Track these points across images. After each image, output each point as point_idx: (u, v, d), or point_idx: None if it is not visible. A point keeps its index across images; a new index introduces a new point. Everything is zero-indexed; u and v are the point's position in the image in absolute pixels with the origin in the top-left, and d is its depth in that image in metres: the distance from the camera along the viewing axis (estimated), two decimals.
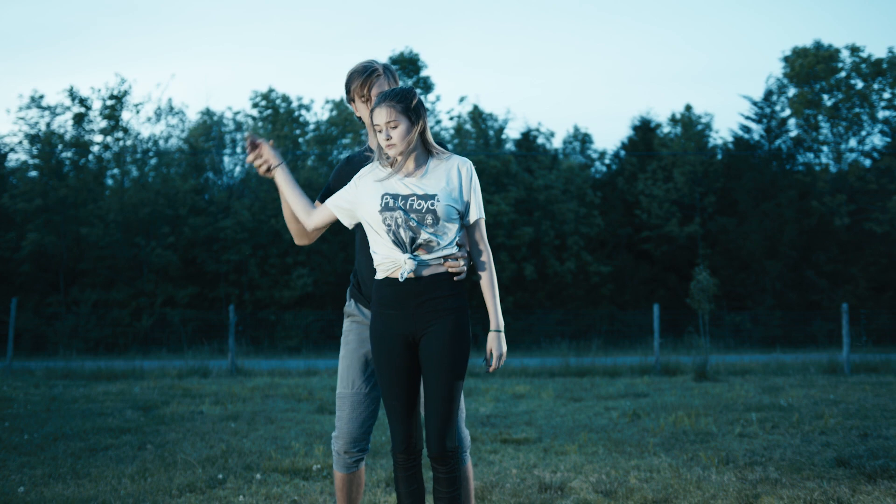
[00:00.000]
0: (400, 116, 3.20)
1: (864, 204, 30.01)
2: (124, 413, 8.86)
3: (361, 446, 3.58)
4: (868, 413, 8.53)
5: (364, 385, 3.57)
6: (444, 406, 3.18)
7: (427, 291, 3.21)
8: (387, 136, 3.21)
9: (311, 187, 29.37)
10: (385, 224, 3.21)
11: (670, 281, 30.22)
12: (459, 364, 3.21)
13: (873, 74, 31.07)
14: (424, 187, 3.23)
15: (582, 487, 5.22)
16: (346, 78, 3.62)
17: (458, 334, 3.21)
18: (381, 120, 3.20)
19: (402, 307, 3.23)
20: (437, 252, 3.21)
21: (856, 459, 5.92)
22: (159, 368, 14.55)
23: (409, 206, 3.19)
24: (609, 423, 8.11)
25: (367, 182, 3.33)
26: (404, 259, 3.18)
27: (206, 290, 28.50)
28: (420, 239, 3.19)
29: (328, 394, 10.81)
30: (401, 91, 3.24)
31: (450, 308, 3.22)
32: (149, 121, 29.50)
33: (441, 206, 3.19)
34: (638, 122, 33.79)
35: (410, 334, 3.23)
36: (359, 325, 3.65)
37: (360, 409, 3.56)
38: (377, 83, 3.55)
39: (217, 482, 5.39)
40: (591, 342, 19.27)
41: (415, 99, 3.23)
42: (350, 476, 3.63)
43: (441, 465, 3.22)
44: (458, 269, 3.24)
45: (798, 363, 15.35)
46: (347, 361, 3.62)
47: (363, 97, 3.57)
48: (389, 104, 3.20)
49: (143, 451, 6.50)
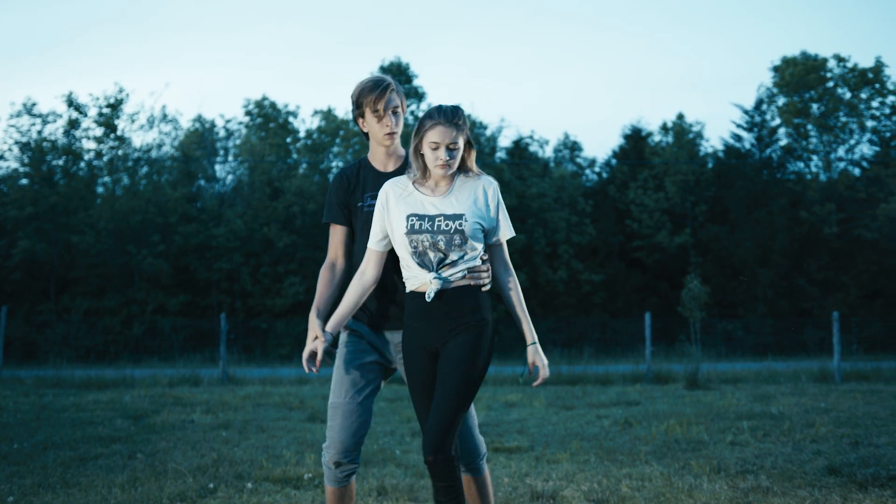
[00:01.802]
0: (459, 138, 3.20)
1: (854, 212, 30.15)
2: (114, 422, 8.83)
3: (352, 457, 3.56)
4: (859, 421, 8.54)
5: (357, 395, 3.56)
6: (446, 415, 3.17)
7: (451, 305, 3.21)
8: (447, 155, 3.19)
9: (303, 195, 29.38)
10: (410, 246, 3.22)
11: (662, 289, 30.26)
12: (472, 376, 3.19)
13: (860, 84, 31.26)
14: (452, 206, 3.22)
15: (574, 496, 5.21)
16: (357, 91, 3.59)
17: (478, 347, 3.20)
18: (442, 139, 3.17)
19: (427, 320, 3.24)
20: (460, 265, 3.21)
21: (847, 468, 5.93)
22: (150, 377, 14.50)
23: (436, 227, 3.19)
24: (601, 432, 8.11)
25: (394, 202, 3.31)
26: (430, 279, 3.18)
27: (197, 298, 28.44)
28: (448, 259, 3.19)
29: (320, 402, 10.79)
30: (461, 112, 3.22)
31: (473, 322, 3.22)
32: (141, 128, 29.47)
33: (469, 226, 3.19)
34: (629, 131, 33.90)
35: (435, 347, 3.25)
36: (356, 338, 3.65)
37: (352, 419, 3.54)
38: (391, 98, 3.54)
39: (208, 491, 5.37)
40: (582, 350, 19.28)
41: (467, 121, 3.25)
42: (341, 490, 3.61)
43: (436, 472, 3.18)
44: (481, 280, 3.25)
45: (789, 371, 15.39)
46: (342, 372, 3.60)
47: (376, 112, 3.55)
48: (453, 124, 3.18)
49: (133, 461, 6.47)
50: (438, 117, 3.19)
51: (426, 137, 3.20)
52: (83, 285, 27.11)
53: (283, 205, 29.07)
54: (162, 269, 27.20)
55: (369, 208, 3.57)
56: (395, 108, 3.58)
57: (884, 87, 31.28)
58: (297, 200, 29.29)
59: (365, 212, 3.59)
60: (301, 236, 28.70)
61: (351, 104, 3.65)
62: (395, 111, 3.58)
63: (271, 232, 28.38)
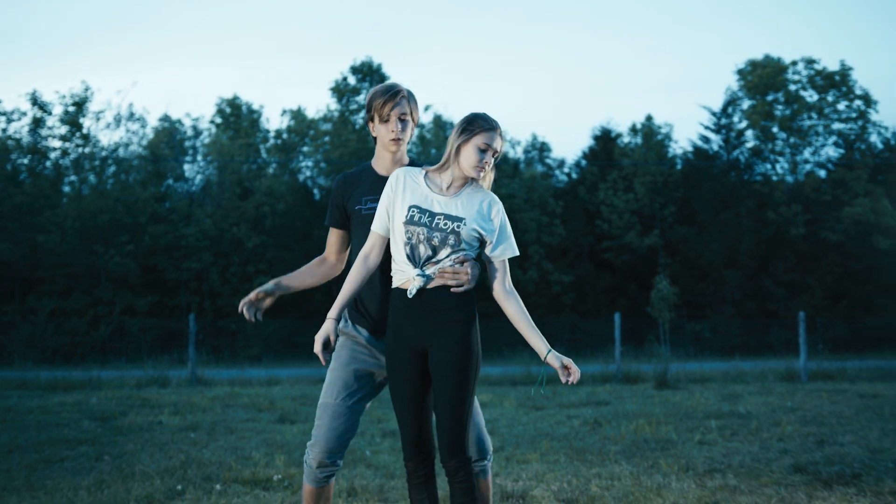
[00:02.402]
0: (501, 150, 3.32)
1: (820, 214, 30.54)
2: (81, 424, 8.72)
3: (335, 459, 3.56)
4: (824, 420, 8.66)
5: (348, 398, 3.55)
6: (453, 416, 3.19)
7: (434, 302, 3.22)
8: (489, 162, 3.27)
9: (273, 195, 29.23)
10: (405, 236, 3.24)
11: (631, 290, 30.45)
12: (467, 373, 3.21)
13: (827, 87, 31.67)
14: (456, 209, 3.26)
15: (544, 496, 5.23)
16: (369, 95, 3.62)
17: (465, 344, 3.21)
18: (494, 145, 3.28)
19: (411, 318, 3.25)
20: (442, 264, 3.22)
21: (812, 466, 6.01)
22: (117, 378, 14.34)
23: (434, 223, 3.23)
24: (571, 432, 8.14)
25: (402, 188, 3.34)
26: (413, 275, 3.20)
27: (165, 298, 28.20)
28: (436, 258, 3.21)
29: (289, 403, 10.74)
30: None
31: (457, 319, 3.23)
32: (108, 127, 29.17)
33: (466, 230, 3.23)
34: (599, 132, 34.07)
35: (419, 344, 3.25)
36: (353, 343, 3.64)
37: (339, 421, 3.53)
38: (400, 104, 3.56)
39: (176, 493, 5.33)
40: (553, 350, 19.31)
41: None
42: (319, 490, 3.60)
43: (455, 475, 3.21)
44: (459, 282, 3.23)
45: (757, 371, 15.55)
46: (336, 374, 3.60)
47: (383, 116, 3.55)
48: (500, 135, 3.29)
49: (100, 463, 6.40)
50: (493, 123, 3.29)
51: (478, 138, 3.26)
52: (49, 285, 26.75)
53: (252, 205, 28.91)
54: (130, 270, 26.92)
55: (368, 211, 3.56)
56: (404, 116, 3.58)
57: (850, 90, 31.70)
58: (266, 200, 29.14)
59: (363, 214, 3.57)
60: (271, 236, 28.55)
61: (365, 107, 3.67)
62: (403, 118, 3.58)
63: (241, 232, 28.21)
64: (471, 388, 3.23)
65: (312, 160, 32.21)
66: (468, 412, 3.23)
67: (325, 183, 31.92)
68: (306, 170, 32.54)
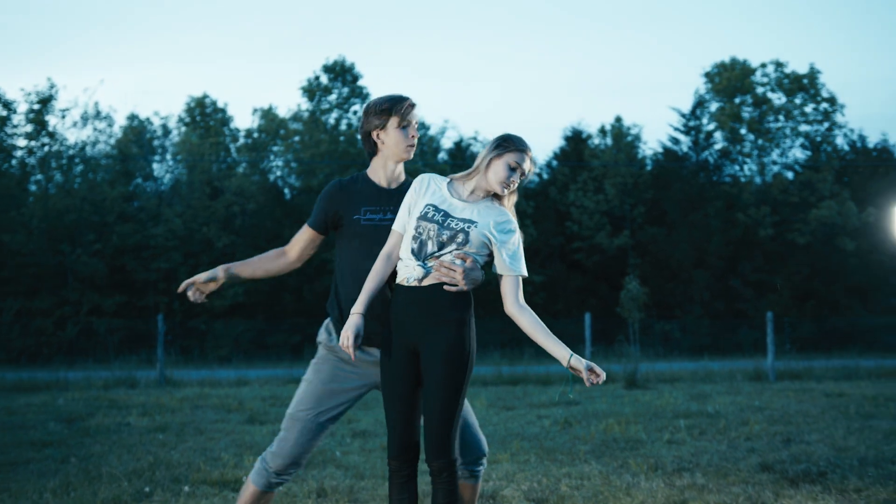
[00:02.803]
0: (528, 173, 3.39)
1: (787, 215, 30.89)
2: (47, 425, 8.62)
3: (295, 470, 3.55)
4: (791, 419, 8.76)
5: (320, 415, 3.52)
6: (441, 416, 3.18)
7: (429, 300, 3.22)
8: (515, 181, 3.32)
9: (243, 195, 29.06)
10: (416, 231, 3.27)
11: (601, 290, 30.62)
12: (458, 374, 3.20)
13: (795, 89, 32.03)
14: (470, 214, 3.29)
15: (514, 496, 5.24)
16: (384, 100, 3.56)
17: (457, 345, 3.21)
18: (524, 166, 3.33)
19: (405, 314, 3.25)
20: (443, 258, 3.23)
21: (779, 464, 6.08)
22: (85, 379, 14.18)
23: (446, 223, 3.25)
24: (541, 432, 8.17)
25: (425, 189, 3.38)
26: (414, 265, 3.23)
27: (134, 298, 27.92)
28: (440, 254, 3.22)
29: (258, 404, 10.68)
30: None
31: (451, 319, 3.22)
32: (75, 125, 28.83)
33: (476, 233, 3.24)
34: (570, 133, 34.21)
35: (412, 342, 3.24)
36: (336, 359, 3.58)
37: (308, 436, 3.51)
38: (416, 113, 3.59)
39: (143, 495, 5.28)
40: (523, 351, 19.38)
41: None
42: (265, 495, 3.58)
43: (439, 475, 3.21)
44: (454, 280, 3.22)
45: (725, 371, 15.69)
46: (313, 388, 3.55)
47: (405, 123, 3.54)
48: (529, 157, 3.36)
49: (66, 465, 6.32)
50: (526, 146, 3.36)
51: (510, 156, 3.31)
52: (14, 285, 26.37)
53: (222, 204, 28.72)
54: (97, 269, 26.62)
55: (367, 222, 3.52)
56: (416, 124, 3.61)
57: (818, 93, 32.09)
58: (237, 200, 28.97)
59: (362, 225, 3.52)
60: (240, 236, 28.39)
61: (368, 115, 3.58)
62: (415, 127, 3.60)
63: (211, 232, 28.01)
64: (461, 390, 3.22)
65: (283, 160, 32.05)
66: (456, 413, 3.22)
67: (295, 183, 31.79)
68: (277, 169, 32.37)
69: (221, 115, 31.56)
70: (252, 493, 3.57)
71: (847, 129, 32.86)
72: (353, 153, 29.90)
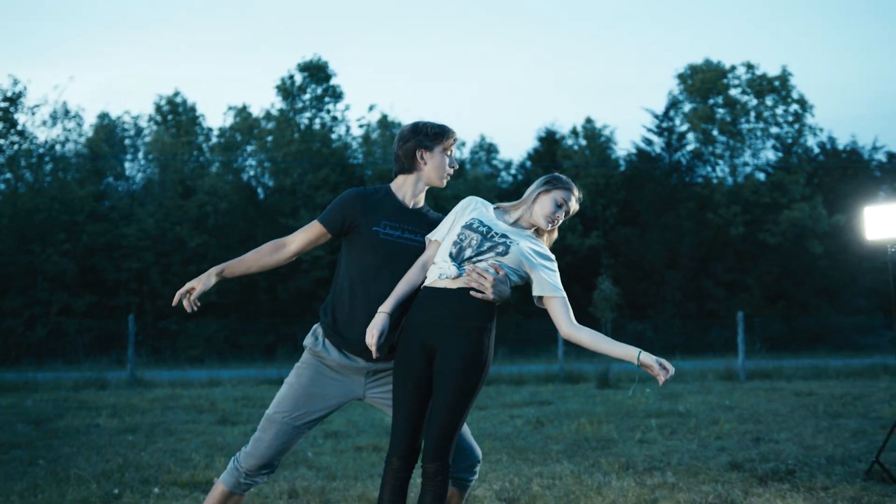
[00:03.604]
0: (572, 212, 3.56)
1: (759, 216, 31.17)
2: (15, 427, 8.51)
3: (268, 471, 3.54)
4: (761, 418, 8.85)
5: (297, 419, 3.50)
6: (447, 420, 3.18)
7: (454, 304, 3.23)
8: (560, 217, 3.49)
9: (216, 194, 28.88)
10: (458, 237, 3.32)
11: (574, 291, 30.68)
12: (470, 381, 3.20)
13: (766, 91, 32.32)
14: (513, 235, 3.36)
15: (485, 495, 5.25)
16: (438, 126, 3.62)
17: (475, 352, 3.21)
18: (570, 204, 3.50)
19: (427, 315, 3.25)
20: (477, 263, 3.25)
21: (748, 463, 6.14)
22: (54, 380, 14.02)
23: (489, 235, 3.32)
24: (513, 431, 8.19)
25: (471, 209, 3.46)
26: (449, 264, 3.26)
27: (105, 298, 27.65)
28: (482, 258, 3.25)
29: (230, 404, 10.62)
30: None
31: (472, 326, 3.23)
32: (44, 124, 28.49)
33: (516, 249, 3.30)
34: (543, 134, 34.31)
35: (429, 344, 3.24)
36: (321, 365, 3.55)
37: (283, 439, 3.50)
38: (455, 146, 3.70)
39: (112, 497, 5.23)
40: (497, 351, 19.44)
41: None
42: (235, 496, 3.56)
43: (433, 478, 3.21)
44: (483, 288, 3.23)
45: (696, 370, 15.81)
46: (293, 391, 3.53)
47: (448, 150, 3.63)
48: (576, 198, 3.54)
49: (33, 467, 6.25)
50: (571, 185, 3.53)
51: (558, 192, 3.48)
52: None
53: (195, 204, 28.52)
54: (67, 269, 26.33)
55: (386, 236, 3.50)
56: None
57: (789, 94, 32.40)
58: (209, 200, 28.78)
59: (381, 238, 3.50)
60: (213, 236, 28.21)
61: (418, 134, 3.61)
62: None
63: (183, 231, 27.81)
64: (471, 397, 3.23)
65: (256, 159, 31.88)
66: (461, 420, 3.23)
67: (269, 182, 31.64)
68: (250, 169, 32.20)
69: (193, 114, 31.34)
70: (221, 492, 3.55)
71: (817, 129, 33.21)
72: (325, 153, 29.80)
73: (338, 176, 29.41)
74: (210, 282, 3.55)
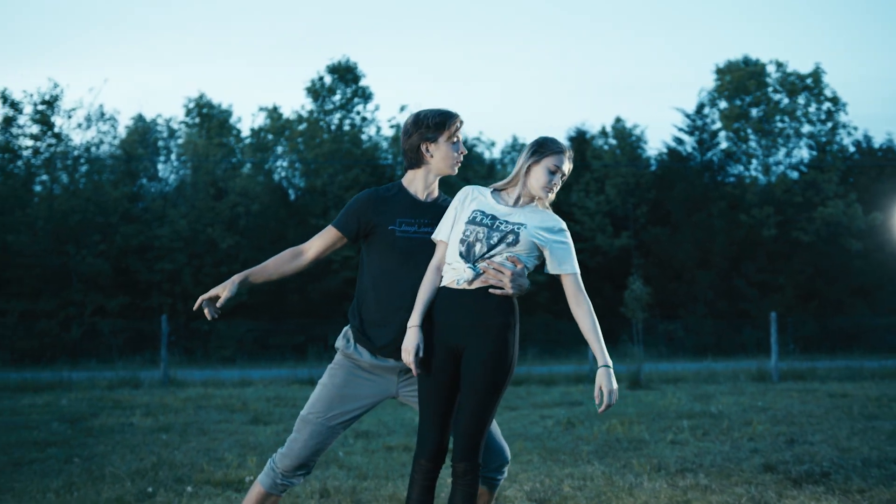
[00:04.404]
0: (568, 172, 3.44)
1: (791, 215, 30.82)
2: (50, 426, 8.63)
3: (304, 472, 3.56)
4: (795, 419, 8.75)
5: (331, 419, 3.53)
6: (475, 420, 3.19)
7: (475, 303, 3.23)
8: (557, 184, 3.39)
9: (247, 195, 29.08)
10: (463, 234, 3.28)
11: (605, 291, 30.56)
12: (497, 380, 3.21)
13: (798, 89, 31.95)
14: (518, 218, 3.32)
15: (516, 496, 5.24)
16: (438, 114, 3.58)
17: (501, 350, 3.22)
18: (564, 168, 3.39)
19: (449, 316, 3.26)
20: (494, 259, 3.24)
21: (782, 465, 6.07)
22: (88, 379, 14.20)
23: (495, 225, 3.28)
24: (544, 432, 8.17)
25: (470, 200, 3.42)
26: (464, 267, 3.23)
27: (138, 299, 27.93)
28: (493, 252, 3.23)
29: (262, 404, 10.69)
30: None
31: (495, 323, 3.23)
32: (79, 127, 28.84)
33: (525, 234, 3.27)
34: (574, 134, 34.19)
35: (455, 345, 3.24)
36: (353, 365, 3.57)
37: (318, 439, 3.52)
38: (461, 129, 3.63)
39: (146, 495, 5.28)
40: (526, 351, 19.40)
41: None
42: (272, 497, 3.59)
43: (463, 477, 3.22)
44: (502, 284, 3.23)
45: (728, 371, 15.67)
46: (327, 391, 3.55)
47: (455, 139, 3.57)
48: (570, 158, 3.42)
49: (69, 465, 6.33)
50: (564, 147, 3.41)
51: (548, 160, 3.37)
52: (19, 286, 26.39)
53: (227, 205, 28.74)
54: (101, 270, 26.63)
55: (402, 234, 3.50)
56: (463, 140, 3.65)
57: (821, 92, 32.00)
58: (241, 201, 28.98)
59: (397, 236, 3.50)
60: (245, 237, 28.41)
61: (419, 127, 3.57)
62: (462, 143, 3.65)
63: (215, 232, 28.03)
64: (499, 395, 3.24)
65: (287, 160, 32.06)
66: (490, 418, 3.24)
67: (300, 183, 31.80)
68: (281, 170, 32.40)
69: (226, 116, 31.57)
70: (258, 493, 3.59)
71: (850, 128, 32.76)
72: (356, 154, 29.90)
73: (368, 176, 29.50)
74: (234, 290, 3.58)
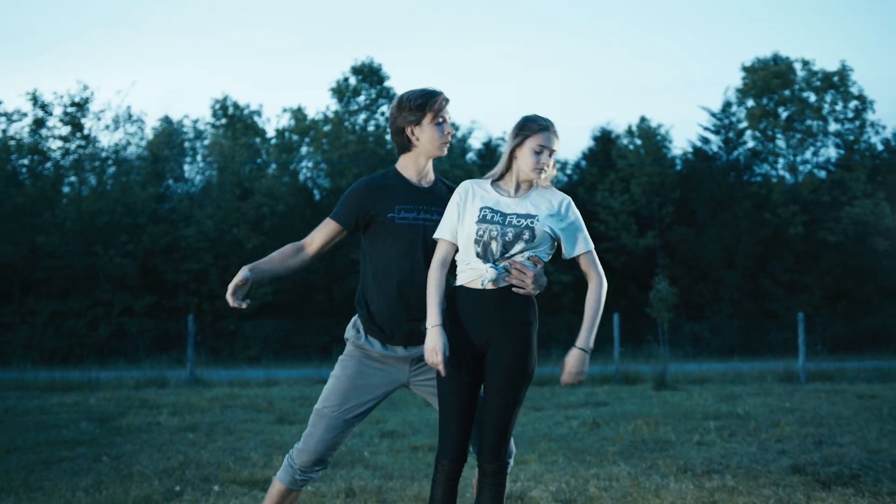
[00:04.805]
0: (556, 147, 3.33)
1: (818, 215, 30.52)
2: (79, 425, 8.72)
3: (321, 467, 3.56)
4: (823, 421, 8.66)
5: (347, 412, 3.52)
6: (501, 419, 3.21)
7: (497, 303, 3.23)
8: (546, 162, 3.30)
9: (273, 196, 29.23)
10: (477, 234, 3.24)
11: (630, 290, 30.44)
12: (522, 378, 3.22)
13: (825, 88, 31.63)
14: (526, 208, 3.28)
15: (542, 497, 5.23)
16: (419, 95, 3.51)
17: (524, 349, 3.22)
18: (549, 145, 3.29)
19: (472, 316, 3.25)
20: (515, 258, 3.23)
21: (810, 466, 6.01)
22: (116, 379, 14.34)
23: (507, 221, 3.24)
24: (569, 432, 8.14)
25: (471, 196, 3.36)
26: (486, 268, 3.20)
27: (164, 299, 28.17)
28: (510, 253, 3.22)
29: (288, 404, 10.73)
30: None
31: (517, 322, 3.23)
32: (107, 128, 29.13)
33: (539, 227, 3.24)
34: (599, 133, 34.05)
35: (478, 345, 3.24)
36: (364, 356, 3.57)
37: (334, 433, 3.51)
38: (447, 107, 3.55)
39: (174, 494, 5.32)
40: (551, 351, 19.34)
41: None
42: (293, 494, 3.59)
43: (492, 476, 3.24)
44: (523, 285, 3.23)
45: (755, 372, 15.55)
46: (340, 384, 3.55)
47: (439, 119, 3.51)
48: (554, 132, 3.31)
49: (98, 464, 6.40)
50: (544, 123, 3.31)
51: (531, 140, 3.29)
52: (48, 287, 26.73)
53: (252, 206, 28.91)
54: (129, 271, 26.89)
55: (402, 220, 3.48)
56: (450, 119, 3.58)
57: (848, 90, 31.67)
58: (266, 201, 29.14)
59: (397, 224, 3.48)
60: (270, 237, 28.56)
61: (401, 110, 3.52)
62: (450, 122, 3.58)
63: (241, 233, 28.20)
64: (522, 394, 3.24)
65: (312, 160, 32.19)
66: (515, 417, 3.24)
67: (325, 183, 31.92)
68: (306, 170, 32.54)
69: (251, 118, 31.75)
70: (278, 490, 3.59)
71: (878, 126, 32.39)
72: (381, 154, 29.97)
73: None
74: (245, 274, 3.45)
